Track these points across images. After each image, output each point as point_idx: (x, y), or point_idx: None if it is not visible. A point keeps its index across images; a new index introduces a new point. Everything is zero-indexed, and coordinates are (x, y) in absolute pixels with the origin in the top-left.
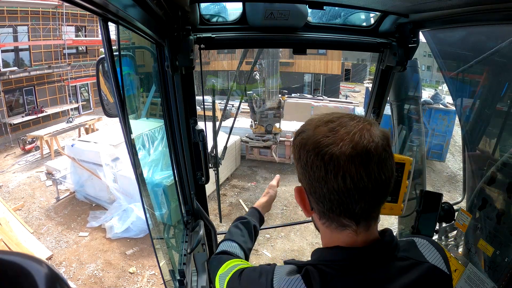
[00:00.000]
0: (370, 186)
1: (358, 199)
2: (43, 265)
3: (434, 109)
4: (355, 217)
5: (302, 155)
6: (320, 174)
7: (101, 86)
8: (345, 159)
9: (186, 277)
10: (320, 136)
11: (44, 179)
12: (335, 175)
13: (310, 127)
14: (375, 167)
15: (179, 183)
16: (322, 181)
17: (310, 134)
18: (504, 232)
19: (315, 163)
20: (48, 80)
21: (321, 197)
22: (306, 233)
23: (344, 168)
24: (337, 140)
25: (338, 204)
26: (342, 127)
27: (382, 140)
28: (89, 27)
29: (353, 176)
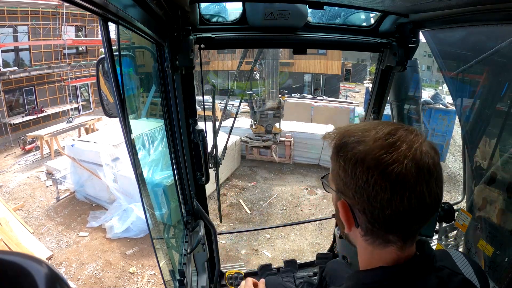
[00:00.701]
0: (431, 204)
1: (419, 218)
2: (43, 265)
3: (434, 109)
4: (405, 235)
5: (360, 172)
6: (384, 196)
7: (101, 86)
8: (412, 178)
9: (186, 277)
10: (382, 152)
11: (44, 179)
12: (401, 196)
13: (367, 139)
14: (434, 184)
15: (179, 183)
16: (386, 203)
17: (369, 148)
18: (504, 232)
19: (378, 183)
20: (48, 80)
21: (380, 218)
22: (306, 233)
23: (411, 188)
24: (401, 158)
25: (396, 225)
26: (403, 142)
27: (436, 154)
28: (89, 27)
29: (418, 195)
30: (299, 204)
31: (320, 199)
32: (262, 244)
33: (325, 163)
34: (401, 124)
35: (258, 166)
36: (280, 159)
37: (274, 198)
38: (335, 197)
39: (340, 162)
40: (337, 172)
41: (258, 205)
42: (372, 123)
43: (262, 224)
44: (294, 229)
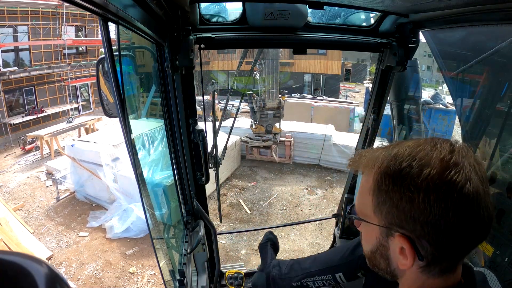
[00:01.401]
0: (488, 222)
1: (481, 238)
2: (43, 265)
3: (434, 109)
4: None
5: (435, 200)
6: (458, 224)
7: (101, 86)
8: (482, 196)
9: (186, 277)
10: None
11: (44, 179)
12: (476, 214)
13: (432, 161)
14: (489, 199)
15: (179, 183)
16: (465, 227)
17: (439, 171)
18: (504, 232)
19: (459, 207)
20: (48, 80)
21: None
22: (306, 233)
23: (483, 207)
24: (468, 175)
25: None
26: (463, 157)
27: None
28: (89, 27)
29: (487, 209)
30: (299, 204)
31: (320, 199)
32: None
33: (325, 163)
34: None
35: (258, 166)
36: (280, 159)
37: (274, 198)
38: (382, 232)
39: (401, 192)
40: (393, 204)
41: (258, 205)
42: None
43: (262, 224)
44: (294, 229)
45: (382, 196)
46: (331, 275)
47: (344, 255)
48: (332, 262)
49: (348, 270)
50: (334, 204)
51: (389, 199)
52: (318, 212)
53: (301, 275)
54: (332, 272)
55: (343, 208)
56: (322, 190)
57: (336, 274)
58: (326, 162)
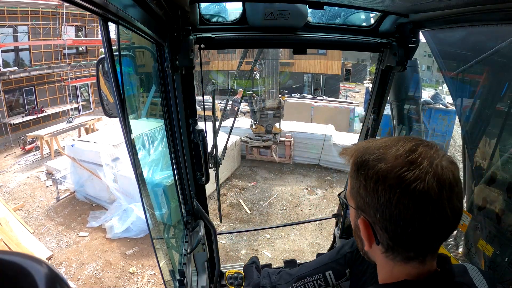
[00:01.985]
0: (453, 220)
1: (441, 235)
2: (43, 265)
3: (434, 109)
4: (425, 251)
5: (381, 191)
6: (407, 214)
7: (101, 86)
8: (434, 195)
9: (186, 277)
10: (404, 169)
11: (44, 179)
12: (424, 214)
13: (388, 156)
14: (455, 199)
15: (179, 183)
16: (409, 221)
17: (390, 166)
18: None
19: (401, 201)
20: (48, 80)
21: (401, 235)
22: (306, 233)
23: (434, 205)
24: (422, 174)
25: (418, 242)
26: (424, 158)
27: (456, 169)
28: (89, 27)
29: (441, 212)
30: (299, 204)
31: (320, 199)
32: (262, 244)
33: (325, 163)
34: (421, 140)
35: (258, 166)
36: (280, 159)
37: (274, 198)
38: (355, 214)
39: (360, 180)
40: (357, 189)
41: (258, 205)
42: (392, 139)
43: (262, 224)
44: (294, 229)
45: (352, 181)
46: (321, 274)
47: (332, 255)
48: (322, 262)
49: (337, 268)
50: (334, 204)
51: (355, 185)
52: (318, 212)
53: (292, 280)
54: (323, 271)
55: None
56: (322, 190)
57: (326, 272)
58: (326, 162)
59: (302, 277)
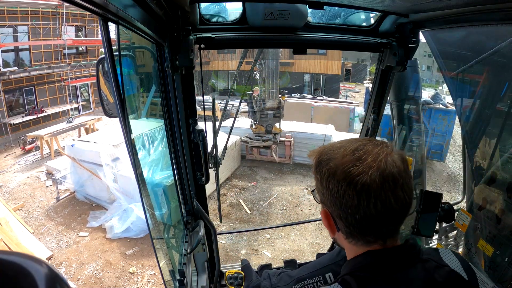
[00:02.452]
0: (398, 208)
1: (388, 221)
2: (43, 265)
3: (434, 109)
4: (382, 236)
5: (332, 184)
6: (353, 203)
7: (101, 86)
8: (376, 186)
9: (186, 277)
10: (350, 165)
11: (44, 179)
12: (367, 203)
13: (337, 155)
14: (400, 190)
15: (179, 183)
16: (355, 209)
17: (338, 163)
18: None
19: (347, 192)
20: (48, 80)
21: (352, 222)
22: (306, 233)
23: (376, 195)
24: (366, 169)
25: (368, 228)
26: (369, 155)
27: (402, 164)
28: (89, 27)
29: (383, 201)
30: (299, 204)
31: None
32: (262, 244)
33: None
34: (370, 139)
35: (258, 166)
36: (280, 159)
37: (274, 198)
38: (321, 207)
39: (317, 176)
40: (317, 185)
41: (258, 205)
42: (344, 141)
43: (262, 224)
44: (294, 229)
45: (315, 179)
46: (321, 276)
47: (332, 256)
48: (322, 264)
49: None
50: None
51: (315, 181)
52: (318, 212)
53: (291, 282)
54: (323, 273)
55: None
56: None
57: (326, 274)
58: None
59: (302, 279)
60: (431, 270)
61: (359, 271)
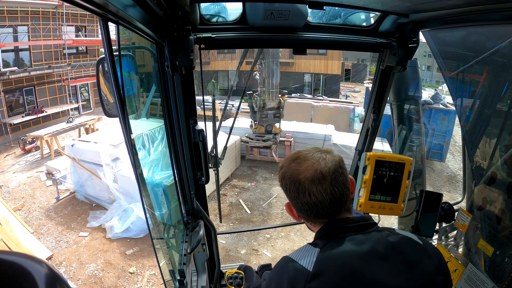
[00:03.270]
0: (327, 198)
1: (322, 207)
2: (43, 265)
3: (434, 109)
4: (327, 216)
5: (283, 183)
6: (295, 195)
7: (101, 86)
8: (308, 182)
9: (186, 277)
10: (292, 169)
11: (44, 179)
12: (303, 194)
13: (286, 163)
14: (328, 185)
15: (179, 183)
16: (297, 198)
17: (286, 169)
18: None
19: (291, 187)
20: (48, 80)
21: (300, 208)
22: (306, 233)
23: (308, 188)
24: (303, 170)
25: (311, 212)
26: (307, 160)
27: (333, 164)
28: (89, 27)
29: (314, 193)
30: None
31: None
32: (262, 244)
33: None
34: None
35: (258, 166)
36: (280, 159)
37: (274, 198)
38: None
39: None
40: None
41: (258, 205)
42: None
43: (262, 224)
44: (294, 229)
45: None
46: None
47: None
48: None
49: None
50: None
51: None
52: None
53: None
54: None
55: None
56: None
57: None
58: None
59: None
60: (385, 234)
61: (324, 236)
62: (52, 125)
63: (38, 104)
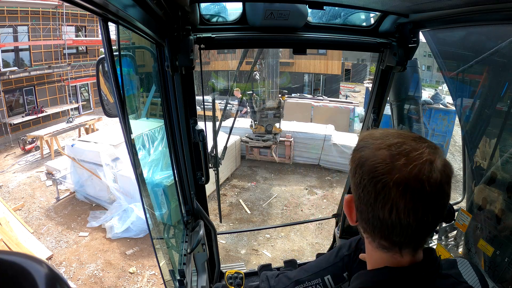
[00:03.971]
0: (413, 225)
1: (399, 233)
2: (43, 265)
3: (434, 109)
4: (396, 244)
5: (357, 174)
6: (369, 200)
7: (101, 86)
8: (396, 192)
9: (186, 277)
10: (379, 161)
11: (44, 179)
12: (382, 206)
13: (372, 146)
14: (421, 206)
15: (179, 183)
16: (370, 206)
17: (369, 155)
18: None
19: (367, 187)
20: (48, 80)
21: (366, 218)
22: (306, 233)
23: (393, 201)
24: (394, 170)
25: (380, 230)
26: (403, 156)
27: (441, 176)
28: (89, 27)
29: (399, 211)
30: (299, 204)
31: (320, 199)
32: (262, 244)
33: (325, 163)
34: (415, 136)
35: (258, 166)
36: (280, 159)
37: (274, 198)
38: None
39: (350, 161)
40: (349, 170)
41: (258, 205)
42: (389, 132)
43: (262, 224)
44: (294, 229)
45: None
46: (320, 279)
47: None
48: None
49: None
50: (334, 204)
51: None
52: (318, 212)
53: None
54: (321, 276)
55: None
56: (322, 190)
57: (325, 277)
58: (326, 162)
59: (300, 281)
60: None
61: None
62: (52, 125)
63: (38, 104)
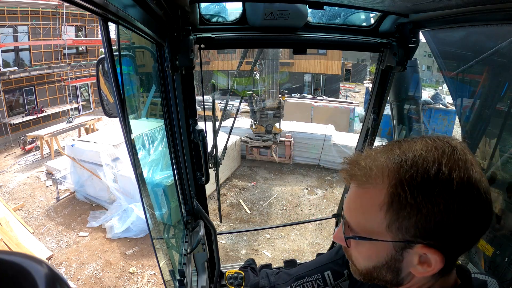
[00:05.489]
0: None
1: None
2: (43, 265)
3: (434, 109)
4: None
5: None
6: (474, 218)
7: (101, 86)
8: (486, 205)
9: (186, 277)
10: (471, 173)
11: (44, 179)
12: (487, 218)
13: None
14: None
15: (179, 183)
16: (479, 228)
17: (463, 174)
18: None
19: (464, 208)
20: (48, 80)
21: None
22: (306, 233)
23: (487, 214)
24: (479, 176)
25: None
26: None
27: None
28: (89, 27)
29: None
30: (299, 204)
31: (320, 199)
32: (262, 244)
33: (325, 163)
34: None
35: (258, 166)
36: (280, 159)
37: (274, 198)
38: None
39: (434, 201)
40: (424, 215)
41: (258, 205)
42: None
43: (262, 224)
44: (294, 229)
45: (404, 210)
46: (320, 274)
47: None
48: (320, 263)
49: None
50: (334, 204)
51: (416, 211)
52: (318, 212)
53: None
54: (321, 271)
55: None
56: (322, 190)
57: (325, 272)
58: (326, 162)
59: (300, 277)
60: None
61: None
62: (52, 125)
63: (38, 104)
